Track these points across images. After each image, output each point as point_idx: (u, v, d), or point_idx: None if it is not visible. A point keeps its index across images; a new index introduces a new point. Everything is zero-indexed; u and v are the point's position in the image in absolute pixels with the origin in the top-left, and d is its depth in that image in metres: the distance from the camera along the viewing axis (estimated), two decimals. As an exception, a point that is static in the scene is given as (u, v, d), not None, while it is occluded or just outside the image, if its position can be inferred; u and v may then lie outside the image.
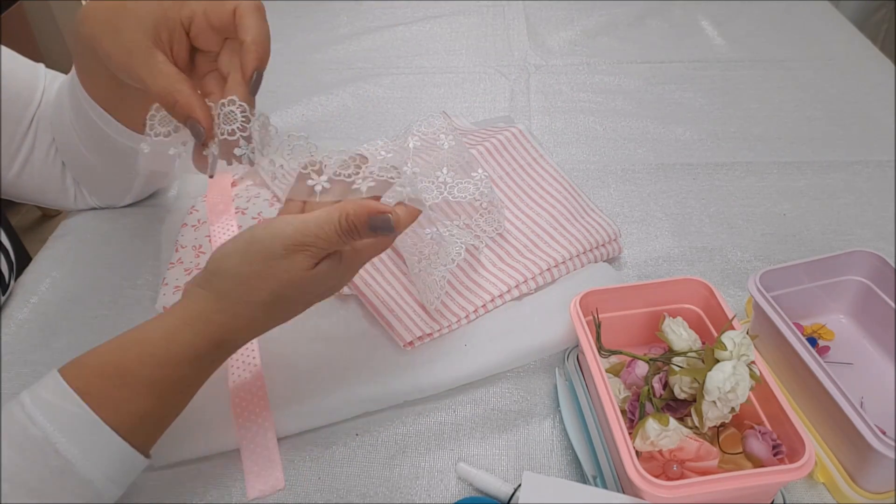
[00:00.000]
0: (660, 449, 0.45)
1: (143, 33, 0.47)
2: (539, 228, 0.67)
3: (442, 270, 0.57)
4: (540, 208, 0.68)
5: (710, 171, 0.79)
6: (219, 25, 0.48)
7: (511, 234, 0.67)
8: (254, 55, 0.47)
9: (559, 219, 0.67)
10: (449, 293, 0.61)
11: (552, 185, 0.70)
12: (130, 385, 0.43)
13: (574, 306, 0.53)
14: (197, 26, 0.49)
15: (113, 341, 0.45)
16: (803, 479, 0.50)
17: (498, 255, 0.65)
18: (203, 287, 0.45)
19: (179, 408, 0.47)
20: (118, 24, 0.47)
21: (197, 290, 0.45)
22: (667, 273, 0.66)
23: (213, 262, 0.45)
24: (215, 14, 0.48)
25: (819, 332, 0.58)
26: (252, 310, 0.45)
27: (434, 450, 0.53)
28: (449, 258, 0.57)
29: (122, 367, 0.43)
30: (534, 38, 1.05)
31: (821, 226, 0.71)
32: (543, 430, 0.54)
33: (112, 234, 0.73)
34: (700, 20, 1.08)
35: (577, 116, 0.88)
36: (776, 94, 0.91)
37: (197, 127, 0.47)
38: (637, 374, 0.51)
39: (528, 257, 0.64)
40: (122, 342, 0.45)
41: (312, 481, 0.51)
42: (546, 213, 0.68)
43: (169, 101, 0.47)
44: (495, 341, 0.58)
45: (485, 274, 0.63)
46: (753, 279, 0.54)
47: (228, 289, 0.44)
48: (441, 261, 0.57)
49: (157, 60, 0.47)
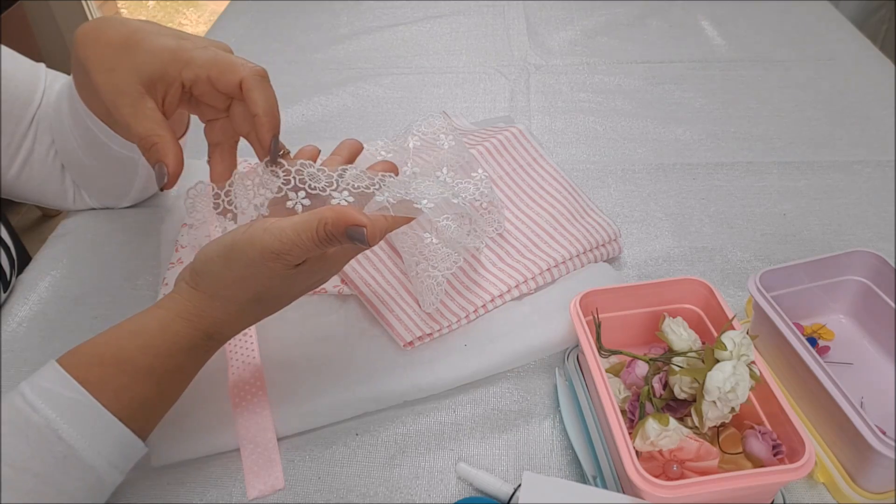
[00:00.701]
0: (660, 449, 0.45)
1: (136, 79, 0.48)
2: (539, 228, 0.67)
3: (440, 273, 0.57)
4: (540, 208, 0.68)
5: (709, 171, 0.79)
6: (225, 91, 0.49)
7: (511, 234, 0.67)
8: (267, 127, 0.48)
9: (559, 219, 0.67)
10: (448, 293, 0.61)
11: (552, 185, 0.70)
12: (129, 373, 0.44)
13: (574, 306, 0.53)
14: (200, 88, 0.49)
15: (108, 332, 0.46)
16: (803, 479, 0.50)
17: (498, 255, 0.65)
18: (191, 285, 0.46)
19: (176, 395, 0.48)
20: (114, 63, 0.48)
21: (187, 287, 0.46)
22: (667, 273, 0.66)
23: (198, 263, 0.46)
24: (221, 83, 0.48)
25: (819, 332, 0.58)
26: (239, 307, 0.47)
27: (434, 450, 0.53)
28: (450, 260, 0.57)
29: (121, 356, 0.44)
30: (534, 38, 1.05)
31: (821, 226, 0.71)
32: (543, 430, 0.54)
33: (112, 234, 0.73)
34: (700, 20, 1.08)
35: (577, 116, 0.88)
36: (776, 94, 0.91)
37: (163, 170, 0.48)
38: (637, 374, 0.51)
39: (528, 257, 0.64)
40: (119, 332, 0.45)
41: (312, 481, 0.51)
42: (546, 212, 0.68)
43: (147, 143, 0.48)
44: (495, 341, 0.58)
45: (484, 274, 0.63)
46: (753, 279, 0.54)
47: (214, 290, 0.46)
48: (441, 264, 0.57)
49: (146, 106, 0.48)
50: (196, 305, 0.46)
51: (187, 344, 0.46)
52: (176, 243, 0.69)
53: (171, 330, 0.45)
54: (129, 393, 0.44)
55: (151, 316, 0.46)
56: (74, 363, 0.44)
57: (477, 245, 0.60)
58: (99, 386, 0.43)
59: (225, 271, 0.45)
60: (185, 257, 0.67)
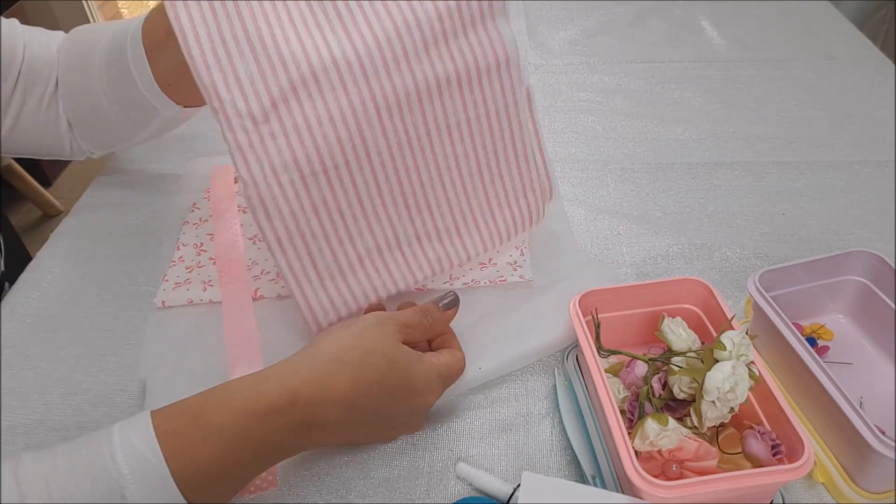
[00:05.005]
0: (659, 449, 0.45)
1: None
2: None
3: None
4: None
5: (709, 171, 0.79)
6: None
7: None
8: None
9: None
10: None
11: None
12: (202, 428, 0.42)
13: (573, 306, 0.53)
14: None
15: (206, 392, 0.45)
16: (802, 479, 0.50)
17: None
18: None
19: (239, 476, 0.45)
20: None
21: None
22: (665, 272, 0.66)
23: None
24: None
25: (818, 332, 0.58)
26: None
27: (433, 450, 0.53)
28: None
29: (202, 408, 0.43)
30: (534, 38, 1.05)
31: (820, 226, 0.71)
32: (543, 430, 0.54)
33: (113, 232, 0.73)
34: (700, 20, 1.08)
35: (577, 116, 0.88)
36: (776, 94, 0.91)
37: None
38: (636, 374, 0.51)
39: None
40: (211, 390, 0.44)
41: (312, 481, 0.51)
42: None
43: None
44: (494, 343, 0.58)
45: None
46: (753, 279, 0.54)
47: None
48: None
49: None
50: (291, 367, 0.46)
51: (266, 406, 0.43)
52: (177, 241, 0.69)
53: (257, 389, 0.44)
54: (194, 453, 0.42)
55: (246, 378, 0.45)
56: (164, 416, 0.43)
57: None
58: (174, 443, 0.41)
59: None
60: (187, 255, 0.67)
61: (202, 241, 0.69)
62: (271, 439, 0.44)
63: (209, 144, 0.84)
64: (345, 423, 0.46)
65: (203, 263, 0.66)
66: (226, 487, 0.44)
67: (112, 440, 0.41)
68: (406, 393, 0.48)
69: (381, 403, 0.47)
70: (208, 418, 0.42)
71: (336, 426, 0.46)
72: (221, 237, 0.68)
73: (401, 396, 0.48)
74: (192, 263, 0.66)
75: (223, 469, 0.42)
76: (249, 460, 0.44)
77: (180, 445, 0.41)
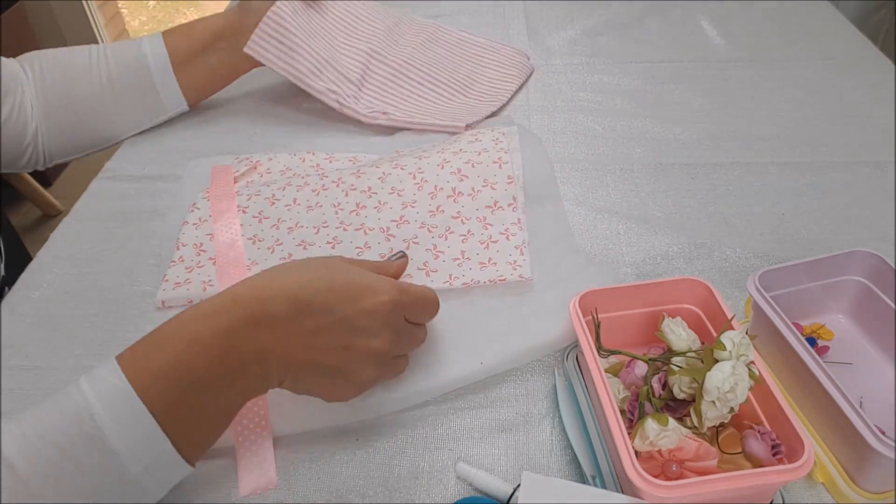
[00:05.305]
0: (659, 449, 0.45)
1: None
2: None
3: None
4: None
5: (708, 171, 0.79)
6: None
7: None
8: None
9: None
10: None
11: None
12: (165, 349, 0.44)
13: (573, 306, 0.53)
14: None
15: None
16: (802, 479, 0.50)
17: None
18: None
19: (214, 409, 0.46)
20: None
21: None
22: (665, 272, 0.66)
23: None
24: None
25: (818, 332, 0.58)
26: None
27: (433, 450, 0.53)
28: None
29: (155, 330, 0.45)
30: (534, 38, 1.05)
31: (819, 226, 0.71)
32: (543, 430, 0.54)
33: (113, 232, 0.73)
34: (700, 20, 1.08)
35: (577, 115, 0.88)
36: (776, 94, 0.91)
37: None
38: (636, 374, 0.51)
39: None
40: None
41: (312, 481, 0.51)
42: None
43: None
44: (493, 343, 0.58)
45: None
46: (752, 279, 0.54)
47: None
48: None
49: None
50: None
51: (210, 306, 0.45)
52: (177, 241, 0.69)
53: (205, 301, 0.46)
54: (151, 362, 0.44)
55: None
56: (128, 354, 0.45)
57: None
58: (136, 369, 0.43)
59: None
60: (187, 255, 0.67)
61: (202, 241, 0.69)
62: (220, 342, 0.44)
63: (209, 144, 0.84)
64: (294, 325, 0.45)
65: (203, 263, 0.66)
66: (192, 407, 0.44)
67: (79, 378, 0.43)
68: (352, 289, 0.47)
69: (328, 300, 0.46)
70: (160, 331, 0.45)
71: (287, 332, 0.45)
72: (221, 237, 0.68)
73: (346, 293, 0.47)
74: (192, 263, 0.66)
75: (180, 378, 0.43)
76: (202, 368, 0.43)
77: (134, 357, 0.44)
